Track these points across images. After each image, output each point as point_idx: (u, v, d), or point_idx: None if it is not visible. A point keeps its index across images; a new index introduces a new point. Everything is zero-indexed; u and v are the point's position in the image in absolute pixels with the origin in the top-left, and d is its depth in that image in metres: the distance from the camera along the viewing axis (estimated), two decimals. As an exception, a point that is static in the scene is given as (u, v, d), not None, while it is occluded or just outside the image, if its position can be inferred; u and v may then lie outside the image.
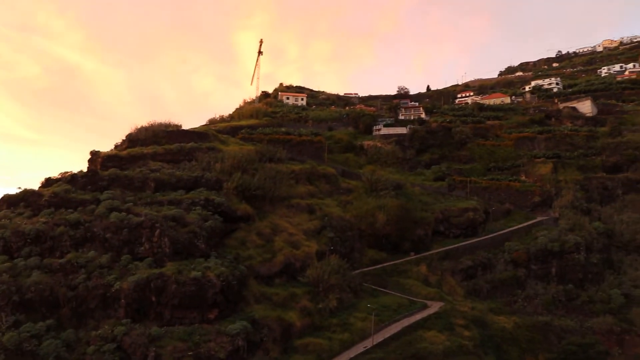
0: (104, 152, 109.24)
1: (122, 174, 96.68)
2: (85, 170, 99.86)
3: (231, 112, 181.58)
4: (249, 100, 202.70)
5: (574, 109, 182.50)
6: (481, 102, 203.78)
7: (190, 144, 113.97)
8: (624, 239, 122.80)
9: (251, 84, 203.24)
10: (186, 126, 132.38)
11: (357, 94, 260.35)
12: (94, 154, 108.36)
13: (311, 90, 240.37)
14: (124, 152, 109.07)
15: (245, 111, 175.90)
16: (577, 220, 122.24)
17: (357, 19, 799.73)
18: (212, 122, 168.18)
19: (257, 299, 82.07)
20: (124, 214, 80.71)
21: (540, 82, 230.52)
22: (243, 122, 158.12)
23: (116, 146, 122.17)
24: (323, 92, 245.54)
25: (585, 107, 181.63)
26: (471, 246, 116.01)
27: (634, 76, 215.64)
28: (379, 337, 79.09)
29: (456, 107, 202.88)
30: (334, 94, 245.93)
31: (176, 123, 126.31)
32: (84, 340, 66.78)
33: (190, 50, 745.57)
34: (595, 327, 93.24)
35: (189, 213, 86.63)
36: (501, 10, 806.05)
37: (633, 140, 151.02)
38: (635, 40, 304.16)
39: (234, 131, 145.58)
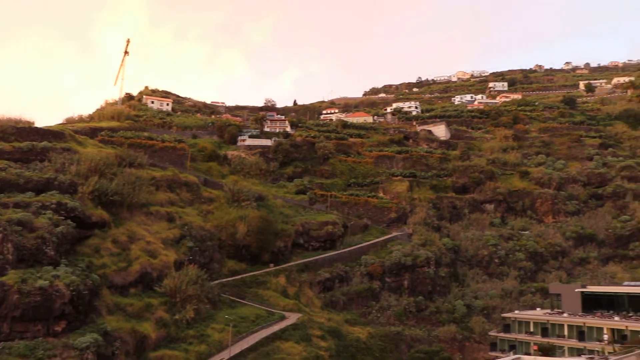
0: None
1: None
2: None
3: (91, 113, 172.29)
4: (111, 102, 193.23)
5: (430, 132, 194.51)
6: (345, 119, 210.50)
7: (43, 143, 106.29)
8: (468, 254, 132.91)
9: (115, 84, 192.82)
10: (41, 124, 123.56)
11: (224, 103, 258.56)
12: None
13: (177, 96, 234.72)
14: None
15: (106, 112, 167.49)
16: (429, 236, 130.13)
17: (231, 27, 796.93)
18: (69, 121, 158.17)
19: (110, 309, 78.23)
20: (-40, 216, 73.52)
21: (401, 104, 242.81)
22: (104, 124, 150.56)
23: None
24: (189, 98, 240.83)
25: (440, 131, 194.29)
26: (330, 259, 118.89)
27: (481, 106, 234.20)
28: (236, 349, 78.54)
29: (321, 122, 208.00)
30: (201, 102, 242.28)
31: (28, 119, 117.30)
32: None
33: (51, 41, 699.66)
34: (441, 336, 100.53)
35: (37, 217, 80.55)
36: (369, 35, 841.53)
37: (479, 165, 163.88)
38: (483, 75, 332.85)
39: (93, 132, 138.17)
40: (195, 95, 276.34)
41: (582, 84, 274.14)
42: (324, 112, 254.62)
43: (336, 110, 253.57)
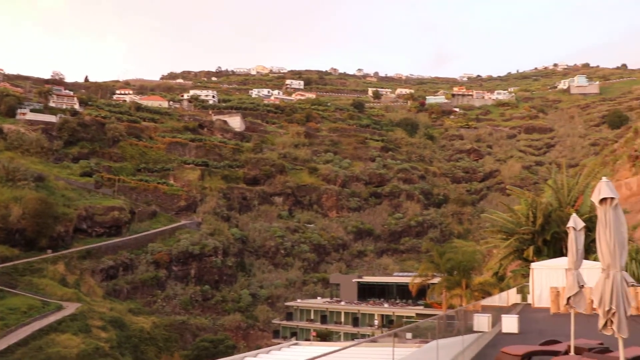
0: None
1: None
2: None
3: None
4: None
5: (225, 122, 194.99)
6: (140, 102, 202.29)
7: None
8: (256, 244, 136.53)
9: None
10: None
11: (2, 70, 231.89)
12: None
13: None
14: None
15: None
16: (218, 226, 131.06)
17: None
18: None
19: None
20: None
21: (198, 92, 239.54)
22: None
23: None
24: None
25: (235, 122, 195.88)
26: (114, 246, 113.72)
27: (277, 102, 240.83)
28: (3, 344, 71.30)
29: (113, 103, 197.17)
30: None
31: None
32: None
33: None
34: (226, 324, 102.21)
35: None
36: (170, 16, 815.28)
37: (271, 158, 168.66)
38: (282, 72, 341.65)
39: None
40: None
41: (370, 91, 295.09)
42: (118, 92, 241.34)
43: (131, 92, 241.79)
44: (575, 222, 14.45)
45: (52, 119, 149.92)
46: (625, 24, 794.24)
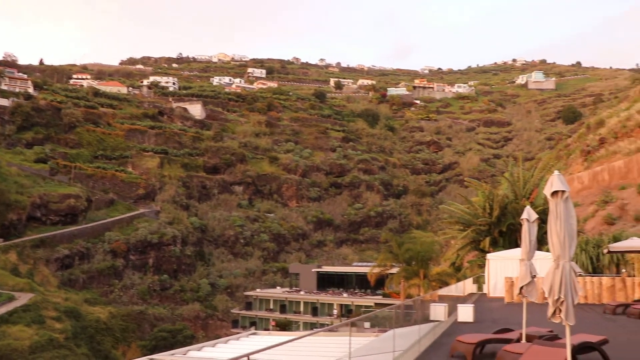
0: None
1: None
2: None
3: None
4: None
5: (186, 110, 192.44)
6: (97, 87, 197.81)
7: None
8: (215, 233, 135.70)
9: None
10: None
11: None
12: None
13: None
14: None
15: None
16: (177, 215, 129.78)
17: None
18: None
19: None
20: None
21: (158, 78, 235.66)
22: None
23: None
24: None
25: (196, 110, 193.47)
26: (70, 234, 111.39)
27: (239, 90, 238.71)
28: (-49, 334, 69.42)
29: (70, 87, 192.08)
30: None
31: None
32: None
33: None
34: (184, 314, 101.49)
35: None
36: (133, 1, 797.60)
37: (231, 147, 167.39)
38: (244, 60, 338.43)
39: None
40: None
41: (332, 81, 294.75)
42: (75, 76, 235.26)
43: (88, 77, 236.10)
44: (528, 214, 14.84)
45: (4, 102, 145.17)
46: (580, 23, 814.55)
